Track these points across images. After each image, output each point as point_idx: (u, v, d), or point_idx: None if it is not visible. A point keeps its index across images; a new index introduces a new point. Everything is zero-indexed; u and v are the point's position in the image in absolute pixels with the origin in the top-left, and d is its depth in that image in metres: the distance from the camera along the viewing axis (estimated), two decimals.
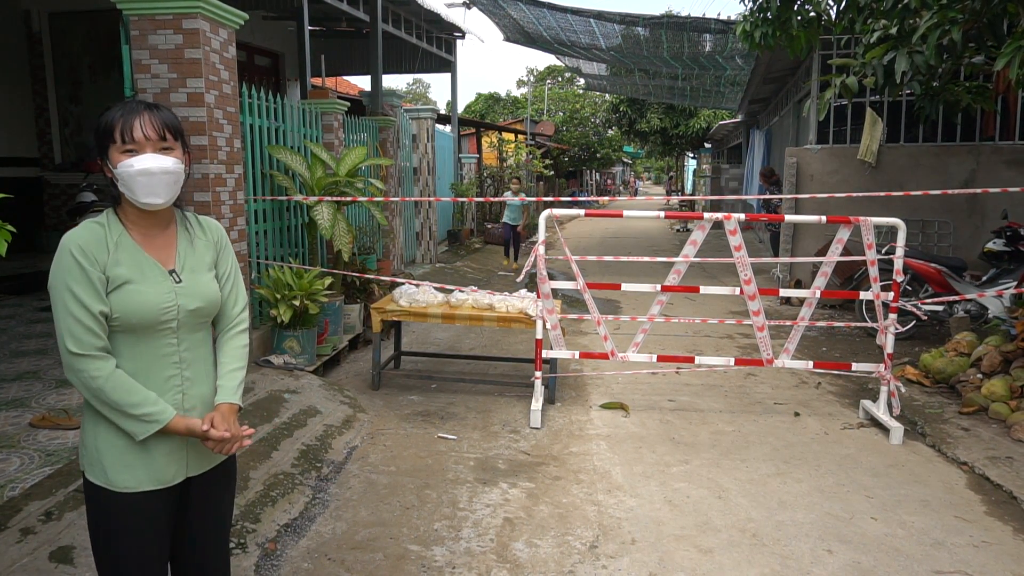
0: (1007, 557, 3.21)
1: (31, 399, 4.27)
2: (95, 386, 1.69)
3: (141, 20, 4.57)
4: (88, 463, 1.79)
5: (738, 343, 7.27)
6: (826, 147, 9.07)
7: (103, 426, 1.76)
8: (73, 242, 1.69)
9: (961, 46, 4.51)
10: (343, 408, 4.85)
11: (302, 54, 8.28)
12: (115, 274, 1.71)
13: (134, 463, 1.76)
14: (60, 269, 1.68)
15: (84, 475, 1.81)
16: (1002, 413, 4.73)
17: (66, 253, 1.68)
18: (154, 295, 1.75)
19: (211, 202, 4.78)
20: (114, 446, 1.76)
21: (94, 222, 1.74)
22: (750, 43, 6.05)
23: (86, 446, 1.80)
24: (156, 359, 1.78)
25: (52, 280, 1.70)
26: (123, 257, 1.73)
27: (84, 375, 1.68)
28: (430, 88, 67.01)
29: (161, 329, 1.77)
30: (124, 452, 1.76)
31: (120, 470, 1.76)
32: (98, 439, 1.76)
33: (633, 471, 4.11)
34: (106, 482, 1.76)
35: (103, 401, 1.71)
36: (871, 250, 4.76)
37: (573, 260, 5.09)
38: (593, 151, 32.10)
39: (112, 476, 1.76)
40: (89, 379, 1.69)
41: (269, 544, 3.15)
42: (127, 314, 1.72)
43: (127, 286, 1.72)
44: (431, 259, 12.01)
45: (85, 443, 1.80)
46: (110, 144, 1.73)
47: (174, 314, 1.78)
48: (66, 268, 1.67)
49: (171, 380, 1.80)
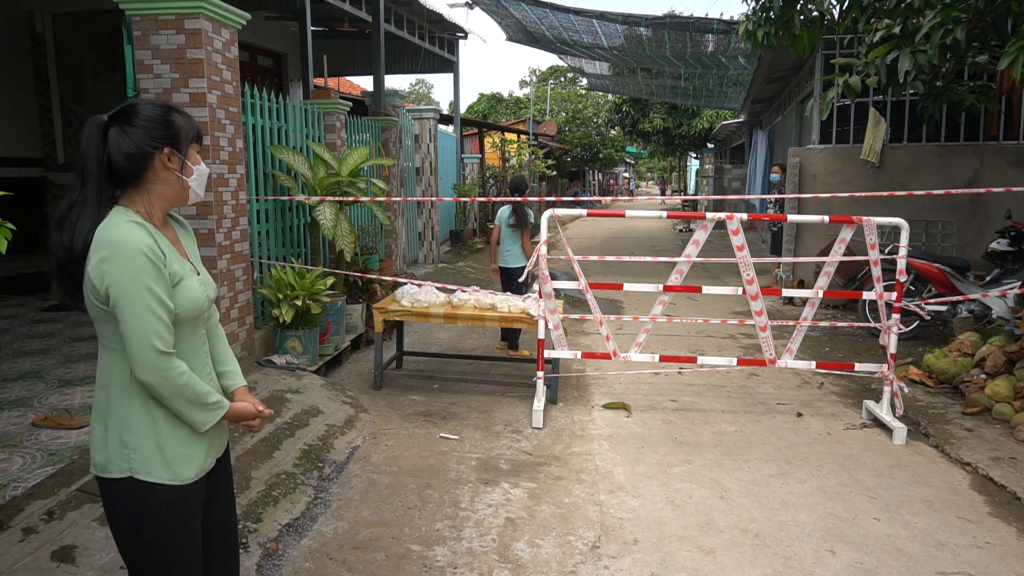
0: (1011, 558, 3.19)
1: (34, 399, 4.28)
2: (181, 382, 1.71)
3: (143, 20, 4.57)
4: (142, 464, 1.73)
5: (740, 343, 7.25)
6: (829, 147, 9.05)
7: (162, 422, 1.75)
8: (140, 241, 1.66)
9: (964, 45, 4.50)
10: (345, 408, 4.85)
11: (304, 54, 8.29)
12: (172, 271, 1.74)
13: (192, 454, 1.80)
14: (134, 270, 1.64)
15: (133, 478, 1.73)
16: (1006, 414, 4.71)
17: (137, 254, 1.64)
18: (199, 289, 1.82)
19: (213, 202, 4.78)
20: (176, 440, 1.77)
21: (133, 221, 1.70)
22: (753, 43, 6.04)
23: (138, 448, 1.72)
24: (197, 351, 1.86)
25: (122, 282, 1.63)
26: (169, 254, 1.76)
27: (171, 373, 1.69)
28: (433, 88, 67.05)
29: (199, 322, 1.86)
30: (185, 445, 1.78)
31: (182, 463, 1.78)
32: (159, 436, 1.74)
33: (635, 471, 4.10)
34: (172, 477, 1.75)
35: (184, 396, 1.73)
36: (874, 250, 4.75)
37: (575, 260, 5.08)
38: (596, 151, 32.12)
39: (176, 469, 1.76)
40: (176, 376, 1.70)
41: (271, 544, 3.15)
42: (185, 310, 1.76)
43: (183, 282, 1.76)
44: (433, 259, 12.01)
45: (135, 445, 1.72)
46: (191, 143, 1.80)
47: (207, 306, 1.87)
48: (141, 269, 1.65)
49: (206, 369, 1.89)
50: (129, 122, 1.72)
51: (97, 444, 1.76)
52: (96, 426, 1.77)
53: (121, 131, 1.71)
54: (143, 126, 1.72)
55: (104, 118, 1.73)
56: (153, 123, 1.73)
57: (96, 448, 1.76)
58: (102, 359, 1.77)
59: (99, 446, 1.75)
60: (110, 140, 1.70)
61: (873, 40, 5.08)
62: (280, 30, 11.44)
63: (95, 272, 1.65)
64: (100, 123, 1.72)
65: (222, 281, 4.91)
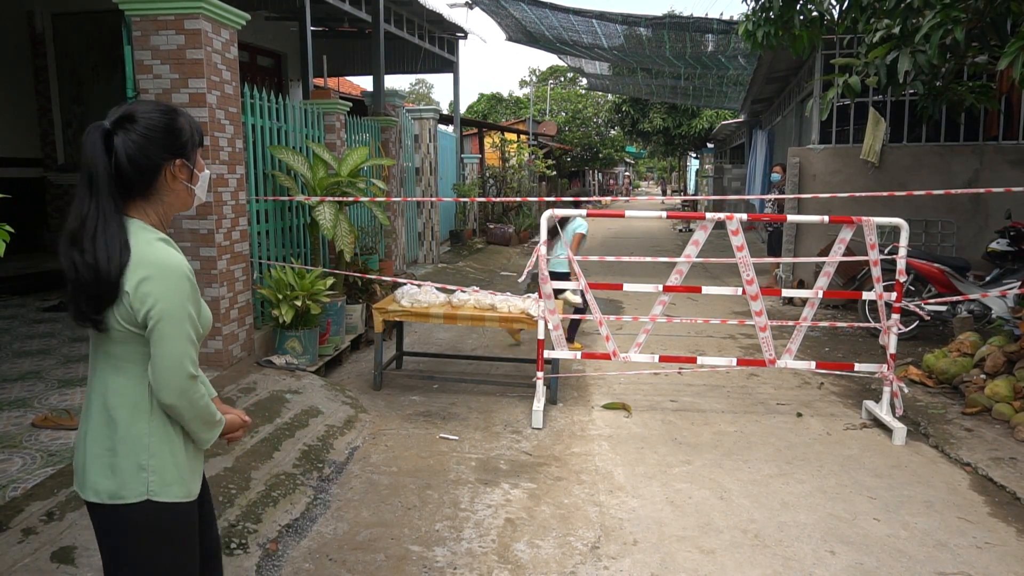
0: (1011, 558, 3.19)
1: (33, 399, 4.28)
2: (203, 404, 1.70)
3: (143, 21, 4.57)
4: (161, 485, 1.68)
5: (740, 343, 7.25)
6: (829, 147, 9.05)
7: (179, 442, 1.72)
8: (183, 263, 1.64)
9: (964, 45, 4.50)
10: (345, 408, 4.85)
11: (304, 54, 8.29)
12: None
13: (197, 469, 1.79)
14: (180, 294, 1.61)
15: (150, 501, 1.67)
16: (1006, 414, 4.71)
17: (182, 277, 1.62)
18: (207, 307, 1.79)
19: (213, 203, 4.78)
20: (189, 458, 1.75)
21: (162, 240, 1.66)
22: (752, 43, 6.04)
23: (156, 470, 1.67)
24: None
25: (167, 305, 1.59)
26: None
27: (196, 395, 1.67)
28: (432, 88, 66.99)
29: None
30: (194, 461, 1.77)
31: (193, 479, 1.77)
32: (176, 456, 1.71)
33: (635, 472, 4.10)
34: (186, 494, 1.73)
35: (202, 418, 1.71)
36: (874, 250, 4.75)
37: (575, 260, 5.08)
38: (596, 151, 32.11)
39: (190, 486, 1.75)
40: (199, 398, 1.68)
41: (270, 544, 3.15)
42: (204, 329, 1.75)
43: (201, 300, 1.74)
44: (433, 259, 12.01)
45: (154, 467, 1.67)
46: (197, 147, 1.76)
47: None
48: (184, 292, 1.63)
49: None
50: (135, 131, 1.63)
51: (102, 470, 1.66)
52: (98, 451, 1.67)
53: (127, 140, 1.61)
54: (151, 136, 1.64)
55: (107, 125, 1.62)
56: (161, 133, 1.66)
57: (101, 475, 1.66)
58: (109, 380, 1.67)
59: (105, 472, 1.66)
60: (117, 149, 1.60)
61: (873, 40, 5.08)
62: (280, 30, 11.43)
63: (136, 294, 1.57)
64: (103, 131, 1.61)
65: (222, 281, 4.91)
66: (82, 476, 1.69)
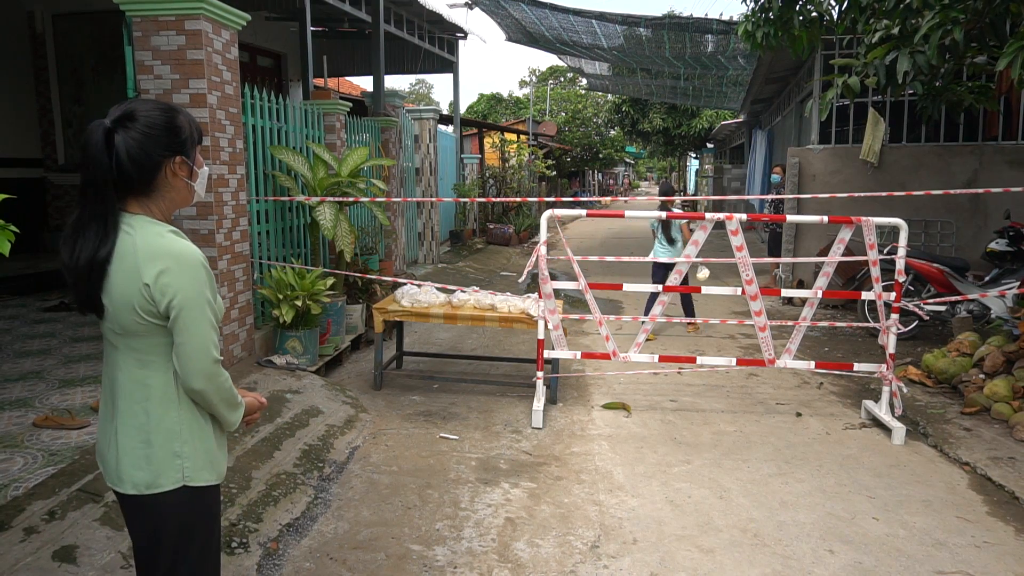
0: (1009, 557, 3.20)
1: (35, 399, 4.28)
2: (227, 386, 1.77)
3: (144, 21, 4.58)
4: (194, 470, 1.75)
5: (740, 343, 7.26)
6: (828, 147, 9.06)
7: (208, 427, 1.80)
8: (198, 253, 1.70)
9: (963, 46, 4.51)
10: (345, 408, 4.86)
11: (304, 55, 8.30)
12: None
13: (223, 452, 1.88)
14: (198, 282, 1.68)
15: (186, 486, 1.74)
16: (1004, 413, 4.72)
17: (199, 266, 1.69)
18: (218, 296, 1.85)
19: (213, 203, 4.79)
20: (217, 442, 1.83)
21: (173, 232, 1.71)
22: (752, 43, 6.05)
23: (189, 456, 1.74)
24: None
25: (187, 294, 1.65)
26: None
27: (222, 379, 1.75)
28: (432, 88, 66.98)
29: None
30: (220, 444, 1.86)
31: (222, 462, 1.86)
32: (207, 441, 1.79)
33: (635, 471, 4.11)
34: (216, 477, 1.83)
35: (227, 400, 1.78)
36: (873, 250, 4.76)
37: (575, 260, 5.09)
38: (595, 151, 32.11)
39: (219, 469, 1.84)
40: (225, 381, 1.76)
41: (271, 543, 3.16)
42: (219, 314, 1.80)
43: (216, 287, 1.80)
44: (433, 259, 12.02)
45: (187, 453, 1.74)
46: (196, 145, 1.80)
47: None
48: (202, 281, 1.69)
49: None
50: (136, 129, 1.66)
51: (138, 463, 1.72)
52: (132, 444, 1.72)
53: (128, 138, 1.65)
54: (151, 134, 1.68)
55: (107, 123, 1.65)
56: (161, 130, 1.69)
57: (136, 467, 1.72)
58: (135, 373, 1.72)
59: (141, 464, 1.72)
60: (118, 147, 1.63)
61: (872, 41, 5.09)
62: (280, 30, 11.45)
63: (157, 286, 1.63)
64: (104, 128, 1.64)
65: (222, 281, 4.92)
66: (116, 471, 1.75)
